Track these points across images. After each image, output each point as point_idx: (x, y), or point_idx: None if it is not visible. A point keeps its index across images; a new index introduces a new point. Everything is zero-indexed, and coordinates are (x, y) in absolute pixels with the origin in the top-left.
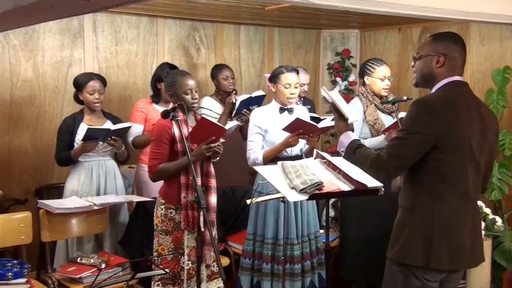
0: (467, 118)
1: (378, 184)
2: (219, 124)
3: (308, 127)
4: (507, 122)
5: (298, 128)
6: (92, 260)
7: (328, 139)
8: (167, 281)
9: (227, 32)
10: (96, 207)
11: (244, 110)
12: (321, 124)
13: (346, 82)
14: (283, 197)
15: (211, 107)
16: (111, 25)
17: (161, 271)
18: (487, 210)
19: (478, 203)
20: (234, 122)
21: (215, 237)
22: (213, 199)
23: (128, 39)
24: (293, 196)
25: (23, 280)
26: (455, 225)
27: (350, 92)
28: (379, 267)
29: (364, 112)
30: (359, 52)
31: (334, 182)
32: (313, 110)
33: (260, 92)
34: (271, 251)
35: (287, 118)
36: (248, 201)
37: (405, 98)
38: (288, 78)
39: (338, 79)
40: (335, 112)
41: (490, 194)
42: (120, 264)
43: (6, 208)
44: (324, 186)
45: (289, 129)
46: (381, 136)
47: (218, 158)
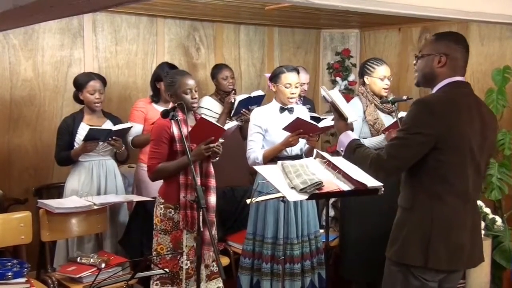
0: (468, 118)
1: (378, 184)
2: (218, 124)
3: (308, 126)
4: (507, 121)
5: (298, 128)
6: (92, 259)
7: (328, 139)
8: (165, 280)
9: (227, 31)
10: (96, 207)
11: (244, 110)
12: (322, 124)
13: (346, 82)
14: (283, 197)
15: (210, 107)
16: (111, 24)
17: (161, 271)
18: (487, 210)
19: (478, 202)
20: (234, 123)
21: (215, 237)
22: (212, 199)
23: (128, 38)
24: (293, 196)
25: (22, 279)
26: (455, 226)
27: (350, 92)
28: (379, 267)
29: (364, 112)
30: (359, 52)
31: (334, 182)
32: (313, 109)
33: (259, 92)
34: (271, 251)
35: (287, 117)
36: (248, 201)
37: (405, 97)
38: (289, 77)
39: (338, 78)
40: (334, 111)
41: (490, 194)
42: (120, 264)
43: (6, 208)
44: (324, 185)
45: (290, 129)
46: (381, 136)
47: (218, 158)
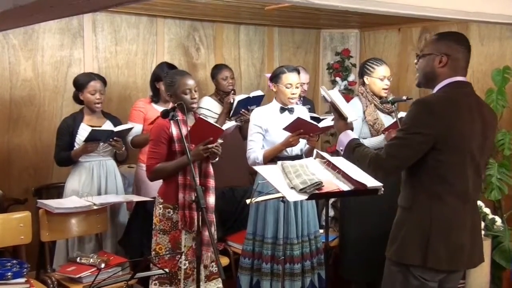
0: (468, 118)
1: (377, 184)
2: (217, 124)
3: (309, 126)
4: (507, 122)
5: (299, 128)
6: (91, 260)
7: (328, 139)
8: (164, 280)
9: (227, 32)
10: (95, 207)
11: (243, 110)
12: (322, 124)
13: (345, 82)
14: (283, 197)
15: (210, 107)
16: (111, 24)
17: (160, 271)
18: (487, 210)
19: (478, 203)
20: (232, 123)
21: (214, 237)
22: (211, 200)
23: (127, 38)
24: (293, 196)
25: (22, 280)
26: (455, 226)
27: (349, 92)
28: (378, 267)
29: (364, 112)
30: (359, 52)
31: (333, 182)
32: (313, 110)
33: (258, 92)
34: (270, 251)
35: (287, 118)
36: (247, 201)
37: (404, 98)
38: (290, 78)
39: (337, 79)
40: (334, 111)
41: (489, 194)
42: (120, 264)
43: (6, 208)
44: (323, 186)
45: (290, 129)
46: (381, 136)
47: (217, 159)
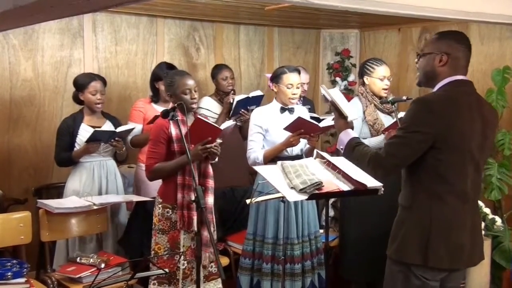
0: (468, 117)
1: (377, 184)
2: (215, 124)
3: (309, 126)
4: (507, 122)
5: (299, 128)
6: (91, 260)
7: (328, 139)
8: (162, 280)
9: (227, 32)
10: (95, 207)
11: (242, 110)
12: (322, 124)
13: (345, 82)
14: (283, 197)
15: (210, 107)
16: (111, 25)
17: (160, 271)
18: (487, 210)
19: (478, 202)
20: (230, 122)
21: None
22: (210, 200)
23: (127, 39)
24: (293, 196)
25: (22, 280)
26: (454, 226)
27: (349, 92)
28: (378, 267)
29: (364, 112)
30: (359, 52)
31: (333, 182)
32: (313, 110)
33: (258, 92)
34: (271, 251)
35: (288, 118)
36: (248, 201)
37: (404, 98)
38: (290, 78)
39: (337, 79)
40: (334, 110)
41: (489, 194)
42: (120, 264)
43: (6, 208)
44: (323, 186)
45: (291, 129)
46: (381, 136)
47: (217, 159)
